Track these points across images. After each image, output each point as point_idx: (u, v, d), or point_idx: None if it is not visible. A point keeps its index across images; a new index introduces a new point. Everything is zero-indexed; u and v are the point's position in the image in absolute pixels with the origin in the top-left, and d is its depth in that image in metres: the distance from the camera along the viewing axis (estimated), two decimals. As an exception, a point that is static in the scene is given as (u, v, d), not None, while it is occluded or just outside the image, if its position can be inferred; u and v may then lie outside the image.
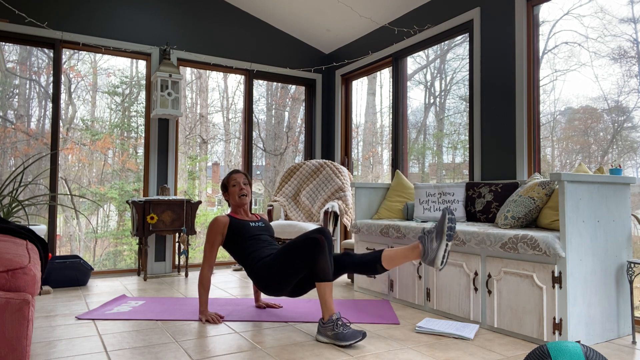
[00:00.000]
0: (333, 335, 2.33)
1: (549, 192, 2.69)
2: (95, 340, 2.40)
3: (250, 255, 2.77)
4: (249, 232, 2.87)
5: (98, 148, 5.31)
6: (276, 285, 2.64)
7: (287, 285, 2.62)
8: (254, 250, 2.79)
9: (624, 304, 2.53)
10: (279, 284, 2.63)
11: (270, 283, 2.65)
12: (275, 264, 2.62)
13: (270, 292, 2.70)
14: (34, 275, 1.55)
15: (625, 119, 3.08)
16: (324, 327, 2.38)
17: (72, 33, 4.29)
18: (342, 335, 2.31)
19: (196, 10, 4.89)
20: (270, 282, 2.65)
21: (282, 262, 2.58)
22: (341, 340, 2.30)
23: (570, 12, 3.29)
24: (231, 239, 2.85)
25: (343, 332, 2.32)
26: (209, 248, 2.84)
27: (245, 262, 2.79)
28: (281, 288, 2.65)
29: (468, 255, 2.77)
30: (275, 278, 2.62)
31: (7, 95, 4.72)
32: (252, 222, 2.94)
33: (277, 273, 2.60)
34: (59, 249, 4.87)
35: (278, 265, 2.60)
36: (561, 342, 1.49)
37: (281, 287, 2.64)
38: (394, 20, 4.66)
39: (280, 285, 2.63)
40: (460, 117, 4.21)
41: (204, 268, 2.83)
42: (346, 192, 4.58)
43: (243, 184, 3.02)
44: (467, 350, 2.27)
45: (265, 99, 6.09)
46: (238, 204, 2.99)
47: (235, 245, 2.84)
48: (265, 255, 2.76)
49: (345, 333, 2.31)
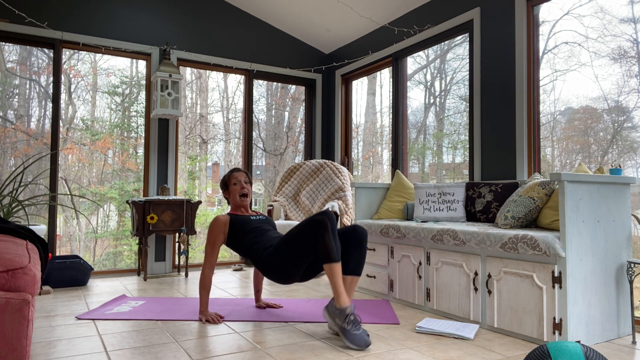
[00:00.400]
0: (341, 329, 2.30)
1: (549, 192, 2.69)
2: (95, 340, 2.40)
3: (254, 247, 2.74)
4: (250, 225, 2.84)
5: (98, 148, 5.31)
6: (285, 272, 2.58)
7: (296, 271, 2.56)
8: (258, 241, 2.75)
9: (624, 304, 2.53)
10: (287, 271, 2.57)
11: (278, 271, 2.60)
12: (280, 251, 2.57)
13: (281, 280, 2.64)
14: (34, 275, 1.55)
15: (625, 119, 3.08)
16: (337, 312, 2.32)
17: (72, 33, 4.29)
18: (351, 335, 2.25)
19: (196, 10, 4.89)
20: (278, 271, 2.59)
21: (287, 248, 2.53)
22: (347, 338, 2.26)
23: (570, 12, 3.29)
24: (233, 235, 2.82)
25: (352, 332, 2.26)
26: (210, 248, 2.82)
27: (251, 254, 2.76)
28: (290, 275, 2.58)
29: (468, 255, 2.77)
30: (283, 265, 2.56)
31: (7, 95, 4.72)
32: (253, 217, 2.92)
33: (284, 260, 2.55)
34: (59, 249, 4.87)
35: (283, 251, 2.55)
36: (561, 342, 1.49)
37: (290, 274, 2.57)
38: (394, 20, 4.66)
39: (288, 272, 2.57)
40: (460, 117, 4.21)
41: (205, 268, 2.81)
42: (346, 192, 4.58)
43: (244, 182, 2.98)
44: (467, 350, 2.27)
45: (265, 99, 6.09)
46: (238, 204, 2.97)
47: (238, 240, 2.81)
48: (270, 244, 2.72)
49: (354, 335, 2.25)
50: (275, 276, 2.65)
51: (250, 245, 2.77)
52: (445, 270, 2.93)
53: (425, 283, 3.08)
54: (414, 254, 3.17)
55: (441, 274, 2.96)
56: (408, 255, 3.22)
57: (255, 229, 2.83)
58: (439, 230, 2.94)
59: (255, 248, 2.74)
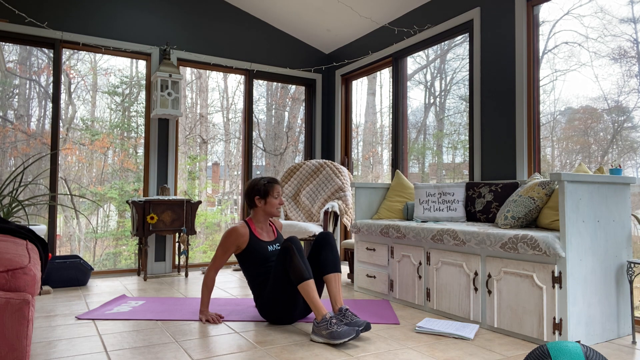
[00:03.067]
0: (327, 335, 2.32)
1: (549, 192, 2.69)
2: (95, 340, 2.40)
3: (261, 284, 2.74)
4: (264, 256, 2.78)
5: (97, 148, 5.30)
6: (280, 314, 2.66)
7: (291, 310, 2.65)
8: (265, 280, 2.74)
9: (624, 304, 2.53)
10: (281, 313, 2.66)
11: (275, 315, 2.68)
12: (271, 290, 2.63)
13: (277, 322, 2.72)
14: (34, 275, 1.55)
15: (625, 119, 3.09)
16: (318, 326, 2.37)
17: (72, 33, 4.29)
18: (336, 333, 2.30)
19: (196, 10, 4.89)
20: (275, 314, 2.67)
21: (275, 284, 2.60)
22: (335, 338, 2.29)
23: (570, 12, 3.29)
24: (245, 255, 2.78)
25: (337, 330, 2.31)
26: (222, 254, 2.77)
27: (253, 284, 2.77)
28: (285, 316, 2.67)
29: (468, 255, 2.77)
30: (277, 307, 2.65)
31: (7, 95, 4.72)
32: (270, 245, 2.83)
33: (276, 300, 2.63)
34: (59, 249, 4.87)
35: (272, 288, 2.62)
36: (561, 342, 1.49)
37: (284, 315, 2.67)
38: (394, 20, 4.66)
39: (283, 314, 2.66)
40: (460, 117, 4.21)
41: (211, 269, 2.79)
42: (346, 192, 4.58)
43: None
44: (467, 350, 2.27)
45: (265, 99, 6.09)
46: (271, 214, 2.87)
47: (248, 264, 2.78)
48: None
49: (339, 331, 2.30)
50: (272, 320, 2.71)
51: (256, 278, 2.75)
52: (445, 270, 2.93)
53: (425, 283, 3.08)
54: (414, 254, 3.17)
55: (441, 274, 2.96)
56: (408, 255, 3.22)
57: (267, 265, 2.77)
58: (439, 230, 2.94)
59: (258, 283, 2.75)
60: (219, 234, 6.19)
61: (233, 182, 6.34)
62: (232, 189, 6.36)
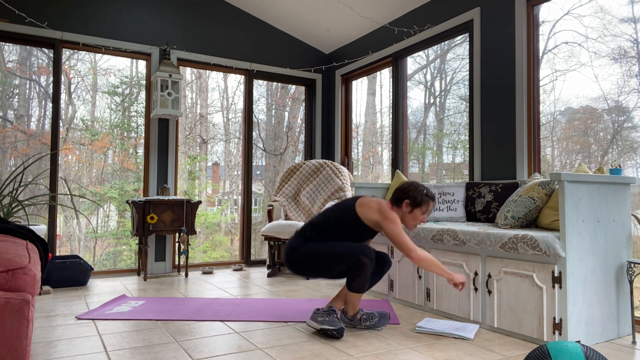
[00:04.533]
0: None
1: (549, 192, 2.69)
2: (95, 340, 2.40)
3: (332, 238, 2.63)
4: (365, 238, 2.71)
5: (97, 148, 5.30)
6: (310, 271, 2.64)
7: (320, 276, 2.67)
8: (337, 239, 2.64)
9: (624, 304, 2.53)
10: (313, 272, 2.63)
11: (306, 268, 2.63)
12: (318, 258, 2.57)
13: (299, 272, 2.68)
14: (34, 275, 1.55)
15: (625, 119, 3.09)
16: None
17: (72, 33, 4.29)
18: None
19: (196, 10, 4.89)
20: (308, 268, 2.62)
21: (325, 261, 2.55)
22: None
23: (570, 12, 3.29)
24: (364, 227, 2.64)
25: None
26: (399, 228, 2.54)
27: (327, 235, 2.64)
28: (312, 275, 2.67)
29: (468, 255, 2.77)
30: (314, 267, 2.60)
31: (7, 95, 4.72)
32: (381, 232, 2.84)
33: (316, 266, 2.59)
34: (59, 249, 4.87)
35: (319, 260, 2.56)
36: (561, 342, 1.49)
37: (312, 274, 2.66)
38: (394, 20, 4.66)
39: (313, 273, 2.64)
40: (460, 117, 4.21)
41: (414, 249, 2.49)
42: (346, 192, 4.58)
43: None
44: (467, 350, 2.27)
45: (265, 99, 6.09)
46: (406, 224, 2.71)
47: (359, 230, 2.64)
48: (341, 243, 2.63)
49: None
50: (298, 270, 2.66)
51: (336, 236, 2.64)
52: (445, 270, 2.92)
53: (425, 283, 3.08)
54: (414, 254, 3.16)
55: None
56: (408, 255, 3.22)
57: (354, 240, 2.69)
58: (439, 230, 2.94)
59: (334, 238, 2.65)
60: (219, 234, 6.19)
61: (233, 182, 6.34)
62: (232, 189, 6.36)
